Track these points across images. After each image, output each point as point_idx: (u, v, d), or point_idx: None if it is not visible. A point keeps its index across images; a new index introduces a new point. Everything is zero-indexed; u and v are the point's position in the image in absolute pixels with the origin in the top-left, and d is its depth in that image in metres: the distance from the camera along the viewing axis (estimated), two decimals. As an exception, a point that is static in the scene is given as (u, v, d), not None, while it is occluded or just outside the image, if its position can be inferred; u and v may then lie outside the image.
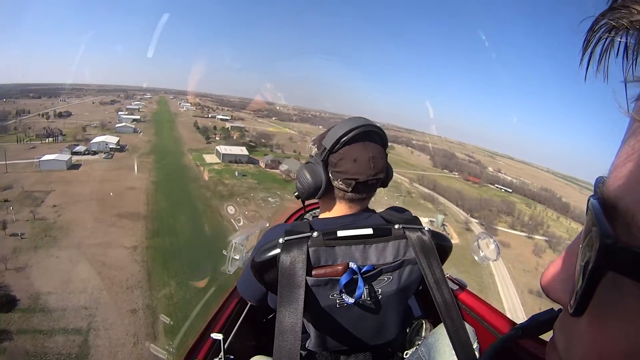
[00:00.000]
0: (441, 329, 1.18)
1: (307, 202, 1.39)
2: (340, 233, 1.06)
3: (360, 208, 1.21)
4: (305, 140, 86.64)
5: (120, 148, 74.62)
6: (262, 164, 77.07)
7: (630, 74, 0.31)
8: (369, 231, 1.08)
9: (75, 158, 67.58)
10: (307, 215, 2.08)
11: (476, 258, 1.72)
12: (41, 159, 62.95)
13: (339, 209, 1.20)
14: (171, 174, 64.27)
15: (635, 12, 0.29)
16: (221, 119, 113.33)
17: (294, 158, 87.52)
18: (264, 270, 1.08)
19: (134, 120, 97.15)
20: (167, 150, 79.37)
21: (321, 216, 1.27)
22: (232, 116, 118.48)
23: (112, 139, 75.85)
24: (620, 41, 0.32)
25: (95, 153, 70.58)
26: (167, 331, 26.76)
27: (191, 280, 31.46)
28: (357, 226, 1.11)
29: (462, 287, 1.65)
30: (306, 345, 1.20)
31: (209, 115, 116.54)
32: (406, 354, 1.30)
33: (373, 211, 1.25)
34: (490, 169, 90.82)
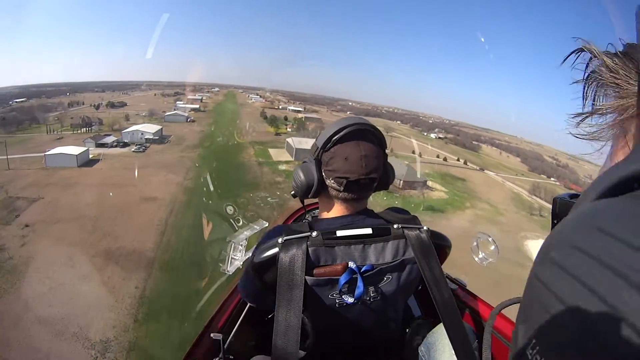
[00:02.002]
0: (441, 329, 1.14)
1: (307, 202, 1.33)
2: (339, 233, 1.04)
3: (357, 208, 1.15)
4: (392, 135, 72.64)
5: (160, 139, 54.14)
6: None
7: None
8: (368, 231, 1.05)
9: (97, 151, 47.36)
10: (307, 216, 1.99)
11: (476, 259, 1.65)
12: (47, 153, 45.02)
13: (337, 209, 1.15)
14: (218, 176, 39.09)
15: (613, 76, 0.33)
16: (293, 110, 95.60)
17: (392, 157, 59.43)
18: (264, 270, 1.05)
19: (192, 109, 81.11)
20: (221, 142, 55.60)
21: (320, 216, 1.22)
22: (305, 108, 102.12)
23: (150, 128, 55.83)
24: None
25: (126, 145, 49.46)
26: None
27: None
28: (356, 226, 1.07)
29: (462, 286, 1.60)
30: (305, 345, 1.16)
31: (280, 107, 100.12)
32: (406, 354, 1.25)
33: (372, 212, 1.19)
34: (581, 175, 72.53)
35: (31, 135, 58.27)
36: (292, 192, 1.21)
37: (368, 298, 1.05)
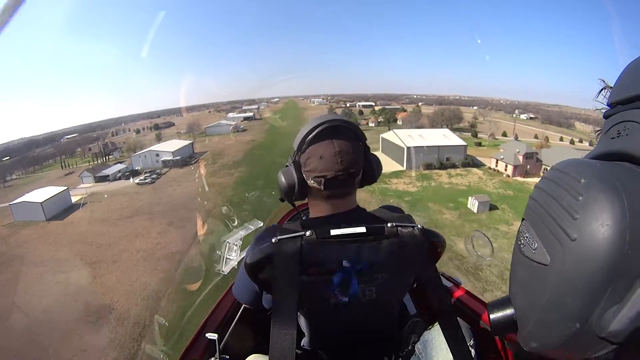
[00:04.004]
0: (437, 327, 1.09)
1: (299, 203, 1.27)
2: (333, 232, 0.99)
3: (346, 206, 1.09)
4: (490, 120, 58.75)
5: (183, 159, 33.64)
6: (498, 165, 31.86)
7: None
8: (362, 229, 1.00)
9: (97, 188, 29.09)
10: (303, 216, 1.76)
11: (472, 258, 1.46)
12: (12, 203, 28.17)
13: (324, 209, 1.09)
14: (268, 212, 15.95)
15: None
16: (364, 106, 78.37)
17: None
18: (258, 269, 1.00)
19: (245, 118, 66.52)
20: (276, 153, 34.02)
21: (310, 216, 1.16)
22: (376, 103, 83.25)
23: (170, 146, 37.47)
24: None
25: (135, 174, 30.87)
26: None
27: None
28: (349, 225, 1.02)
29: (457, 284, 1.56)
30: (301, 344, 1.13)
31: (347, 105, 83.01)
32: (402, 352, 1.16)
33: (364, 210, 1.14)
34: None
35: (47, 173, 43.57)
36: (280, 197, 1.16)
37: (363, 297, 1.01)
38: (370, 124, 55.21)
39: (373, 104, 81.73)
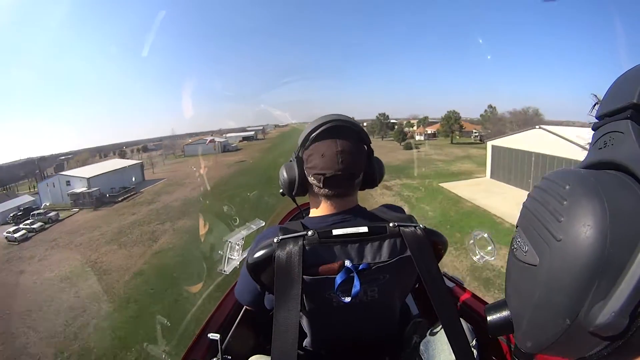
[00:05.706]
0: (439, 327, 1.08)
1: (302, 202, 1.30)
2: (335, 231, 0.98)
3: (345, 206, 1.08)
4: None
5: (111, 195, 19.74)
6: None
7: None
8: (364, 229, 0.99)
9: None
10: (304, 215, 1.80)
11: (474, 258, 1.60)
12: None
13: (323, 207, 1.09)
14: None
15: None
16: (392, 122, 63.53)
17: None
18: (260, 269, 0.98)
19: (245, 138, 59.24)
20: (271, 177, 20.39)
21: (311, 215, 1.15)
22: (397, 121, 68.07)
23: (96, 169, 22.96)
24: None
25: (27, 215, 16.74)
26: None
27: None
28: (351, 224, 1.01)
29: (459, 284, 1.56)
30: (303, 345, 1.11)
31: (364, 125, 66.80)
32: (404, 353, 1.15)
33: (365, 209, 1.12)
34: None
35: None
36: (281, 191, 1.16)
37: (365, 297, 0.99)
38: (417, 137, 43.58)
39: (395, 120, 69.38)
